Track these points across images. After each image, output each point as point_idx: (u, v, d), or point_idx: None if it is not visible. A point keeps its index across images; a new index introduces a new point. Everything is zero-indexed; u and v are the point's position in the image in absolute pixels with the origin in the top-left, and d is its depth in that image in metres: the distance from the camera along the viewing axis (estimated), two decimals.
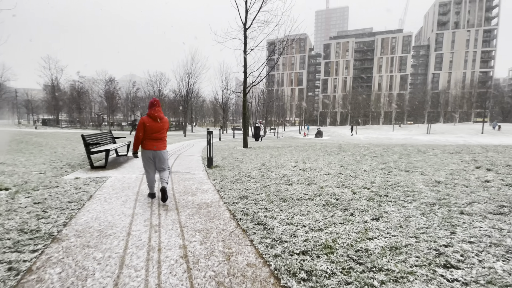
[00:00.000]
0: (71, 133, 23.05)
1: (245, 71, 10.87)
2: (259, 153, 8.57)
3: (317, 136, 33.82)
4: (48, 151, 9.28)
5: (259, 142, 19.35)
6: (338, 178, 4.47)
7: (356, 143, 12.99)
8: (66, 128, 38.36)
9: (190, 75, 27.27)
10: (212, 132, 6.59)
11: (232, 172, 5.61)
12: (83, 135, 6.19)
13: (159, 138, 3.88)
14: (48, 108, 45.64)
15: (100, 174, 5.60)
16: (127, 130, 40.33)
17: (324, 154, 7.41)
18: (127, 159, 7.70)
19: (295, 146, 10.94)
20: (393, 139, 32.64)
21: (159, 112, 3.88)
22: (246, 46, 10.76)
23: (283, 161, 6.52)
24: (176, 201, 3.83)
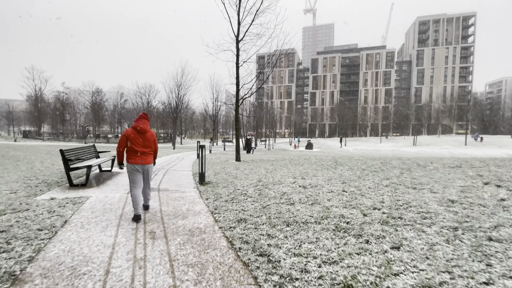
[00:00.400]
0: (53, 146, 21.94)
1: (238, 83, 10.65)
2: (254, 167, 8.20)
3: (308, 148, 33.83)
4: (24, 167, 8.56)
5: (251, 154, 18.98)
6: (343, 196, 4.15)
7: (350, 156, 12.86)
8: (48, 140, 36.72)
9: (180, 87, 26.95)
10: (204, 146, 6.19)
11: (226, 189, 5.20)
12: (62, 150, 5.65)
13: (146, 152, 3.74)
14: (30, 119, 43.78)
15: (80, 194, 5.05)
16: (114, 142, 39.06)
17: (321, 169, 7.13)
18: (111, 175, 7.14)
19: (290, 159, 10.64)
20: (381, 151, 33.07)
21: (145, 124, 3.76)
22: (239, 58, 10.59)
23: (280, 176, 6.17)
24: (165, 226, 3.38)
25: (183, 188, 5.65)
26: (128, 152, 3.69)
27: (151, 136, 3.81)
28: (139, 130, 3.68)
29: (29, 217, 3.66)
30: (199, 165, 6.07)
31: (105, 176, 7.03)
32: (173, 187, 5.80)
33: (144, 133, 3.73)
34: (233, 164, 9.77)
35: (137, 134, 3.68)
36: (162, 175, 7.32)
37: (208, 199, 4.59)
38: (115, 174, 7.35)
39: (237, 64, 10.60)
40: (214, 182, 6.12)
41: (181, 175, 7.49)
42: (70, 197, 4.75)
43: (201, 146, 6.16)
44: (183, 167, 9.40)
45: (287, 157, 12.50)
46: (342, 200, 3.95)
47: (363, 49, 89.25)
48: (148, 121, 3.85)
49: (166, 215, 3.83)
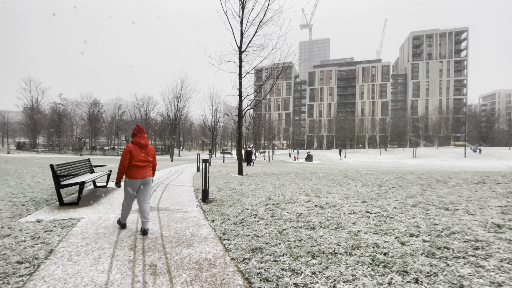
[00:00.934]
0: (47, 159, 21.26)
1: (240, 94, 10.33)
2: (259, 182, 7.72)
3: (307, 160, 33.42)
4: (13, 182, 7.99)
5: (252, 166, 18.50)
6: (368, 219, 3.69)
7: (357, 170, 12.45)
8: (43, 152, 35.90)
9: (180, 99, 26.70)
10: (208, 160, 5.74)
11: (233, 209, 4.72)
12: (53, 165, 5.17)
13: (146, 166, 3.75)
14: (25, 131, 43.05)
15: (70, 214, 4.53)
16: (110, 154, 38.33)
17: (333, 185, 6.69)
18: (107, 192, 6.61)
19: (295, 173, 10.19)
20: (382, 163, 32.75)
21: (145, 139, 3.80)
22: (242, 69, 10.34)
23: (290, 193, 5.71)
24: (167, 257, 2.89)
25: (185, 207, 5.15)
26: (129, 168, 3.64)
27: (151, 150, 3.83)
28: (140, 144, 3.71)
29: (9, 245, 3.14)
30: (203, 181, 5.59)
31: (100, 193, 6.51)
32: (174, 205, 5.30)
33: (145, 147, 3.76)
34: (236, 178, 9.29)
35: (139, 149, 3.70)
36: (161, 191, 6.81)
37: (215, 221, 4.10)
38: (110, 191, 6.83)
39: (240, 75, 10.33)
40: (218, 199, 5.63)
41: (182, 191, 6.99)
42: (59, 219, 4.23)
43: (204, 160, 5.71)
44: (183, 181, 8.89)
45: (291, 170, 12.04)
46: (370, 223, 3.49)
47: (359, 62, 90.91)
48: (145, 135, 3.86)
49: (168, 242, 3.33)
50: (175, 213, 4.71)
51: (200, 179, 9.42)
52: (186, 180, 9.21)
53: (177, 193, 6.61)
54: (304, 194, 5.42)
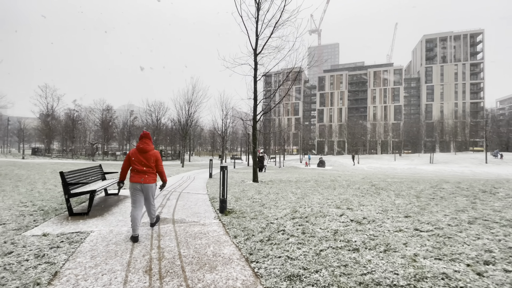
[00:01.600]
0: (60, 164, 21.42)
1: (255, 98, 9.93)
2: (278, 191, 7.22)
3: (320, 165, 32.62)
4: (24, 188, 7.79)
5: (264, 172, 17.98)
6: (422, 239, 3.14)
7: (379, 177, 11.75)
8: (57, 158, 36.52)
9: (191, 104, 26.64)
10: (226, 167, 5.30)
11: (256, 222, 4.23)
12: (63, 172, 4.85)
13: (146, 171, 3.72)
14: (40, 137, 44.16)
15: (79, 227, 4.15)
16: (122, 160, 38.61)
17: (362, 195, 6.10)
18: (118, 201, 6.26)
19: (315, 181, 9.61)
20: (397, 170, 31.58)
21: (146, 144, 3.79)
22: (257, 72, 9.95)
23: (317, 204, 5.18)
24: (188, 285, 2.43)
25: (203, 219, 4.70)
26: (130, 171, 3.77)
27: (152, 156, 3.78)
28: (140, 149, 3.73)
29: (9, 266, 2.76)
30: (220, 189, 5.15)
31: (111, 201, 6.16)
32: (190, 216, 4.87)
33: (145, 152, 3.75)
34: (252, 185, 8.81)
35: (139, 154, 3.73)
36: (176, 200, 6.40)
37: (237, 237, 3.63)
38: (122, 199, 6.48)
39: (255, 78, 9.94)
40: (237, 210, 5.16)
41: (197, 199, 6.56)
42: (67, 232, 3.86)
43: (222, 167, 5.27)
44: (196, 189, 8.48)
45: (309, 178, 11.46)
46: (425, 245, 2.93)
47: (370, 66, 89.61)
48: (150, 141, 3.88)
49: (187, 263, 2.88)
50: (192, 226, 4.27)
51: (215, 186, 9.01)
52: (200, 188, 8.80)
53: (192, 202, 6.19)
54: (334, 206, 4.88)
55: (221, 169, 5.24)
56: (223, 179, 5.15)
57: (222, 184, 5.13)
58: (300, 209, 4.83)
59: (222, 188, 5.13)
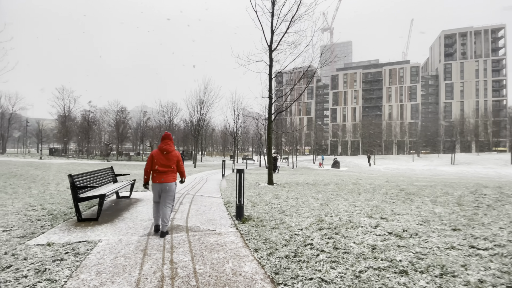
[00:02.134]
0: (76, 164, 21.77)
1: (271, 96, 9.49)
2: (297, 196, 6.75)
3: (334, 166, 31.77)
4: (37, 190, 7.69)
5: (277, 174, 17.49)
6: (482, 259, 2.59)
7: (406, 180, 11.03)
8: (73, 158, 37.41)
9: (203, 104, 26.52)
10: (243, 171, 4.88)
11: (278, 233, 3.79)
12: (71, 175, 4.58)
13: (166, 170, 3.84)
14: (57, 137, 45.57)
15: (87, 235, 3.85)
16: (136, 160, 39.11)
17: (393, 201, 5.54)
18: (130, 204, 5.98)
19: (335, 184, 9.07)
20: (416, 171, 30.29)
21: (168, 145, 3.90)
22: (272, 69, 9.50)
23: (345, 213, 4.68)
24: None
25: (218, 227, 4.31)
26: (152, 172, 3.90)
27: (174, 156, 3.91)
28: (163, 150, 3.85)
29: (4, 284, 2.45)
30: (237, 194, 4.74)
31: (123, 205, 5.89)
32: (205, 224, 4.48)
33: (168, 153, 3.86)
34: (268, 189, 8.36)
35: (161, 155, 3.84)
36: (189, 204, 6.05)
37: (259, 251, 3.20)
38: (134, 202, 6.20)
39: (270, 75, 9.50)
40: (255, 217, 4.74)
41: (211, 204, 6.19)
42: (73, 241, 3.55)
43: (238, 170, 4.85)
44: (210, 191, 8.13)
45: (328, 180, 10.89)
46: (490, 268, 2.40)
47: (386, 64, 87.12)
48: (171, 142, 3.98)
49: (204, 284, 2.47)
50: (208, 235, 3.88)
51: (229, 188, 8.63)
52: (213, 190, 8.45)
53: (206, 207, 5.82)
54: (364, 215, 4.36)
55: (237, 172, 4.83)
56: (239, 183, 4.74)
57: (239, 188, 4.72)
58: (326, 217, 4.34)
59: (238, 192, 4.72)
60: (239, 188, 4.73)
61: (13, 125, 46.68)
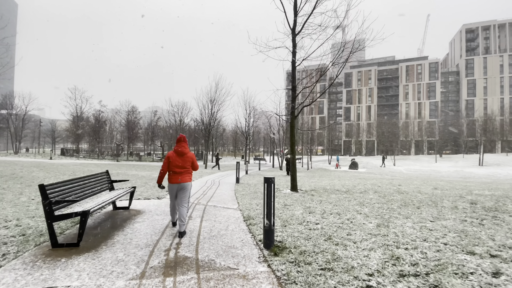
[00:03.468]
0: (84, 165, 21.10)
1: (294, 87, 8.13)
2: (335, 209, 5.37)
3: (352, 168, 29.99)
4: (26, 196, 6.68)
5: None
6: None
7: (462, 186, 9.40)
8: (84, 158, 37.19)
9: (214, 102, 25.40)
10: (273, 180, 3.54)
11: (336, 281, 2.45)
12: (43, 185, 3.40)
13: (182, 171, 4.00)
14: (69, 138, 45.78)
15: (55, 276, 2.64)
16: (146, 160, 38.56)
17: (477, 220, 4.09)
18: (127, 219, 4.78)
19: (374, 191, 7.61)
20: (442, 173, 28.07)
21: (183, 147, 4.05)
22: (296, 55, 8.15)
23: (424, 242, 3.28)
24: None
25: (242, 261, 3.01)
26: (168, 173, 4.05)
27: (189, 158, 4.07)
28: (178, 153, 4.01)
29: None
30: (264, 213, 3.44)
31: (118, 220, 4.69)
32: (222, 255, 3.20)
33: (183, 155, 4.03)
34: (293, 197, 7.01)
35: (177, 156, 4.01)
36: (200, 219, 4.80)
37: None
38: (132, 216, 5.00)
39: (294, 62, 8.14)
40: (291, 245, 3.41)
41: (227, 218, 4.91)
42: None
43: (267, 180, 3.52)
44: (224, 200, 6.87)
45: (360, 185, 9.39)
46: None
47: (402, 60, 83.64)
48: (186, 144, 4.15)
49: None
50: (228, 279, 2.59)
51: (246, 196, 7.33)
52: (228, 198, 7.17)
53: (222, 224, 4.55)
54: (458, 247, 2.95)
55: (266, 182, 3.51)
56: (268, 197, 3.42)
57: (268, 205, 3.41)
58: (400, 251, 2.96)
59: (267, 211, 3.41)
60: (268, 205, 3.42)
61: (27, 125, 47.26)
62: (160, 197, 6.95)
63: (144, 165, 25.73)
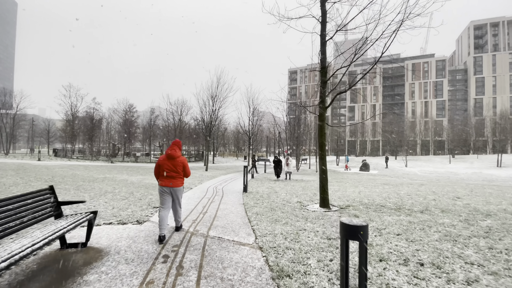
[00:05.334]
0: (72, 167, 19.07)
1: (325, 67, 6.11)
2: (418, 251, 3.35)
3: (363, 169, 27.96)
4: None
5: (287, 180, 13.97)
6: None
7: None
8: (76, 159, 35.02)
9: (215, 99, 23.35)
10: (365, 236, 1.50)
11: None
12: None
13: (174, 176, 4.00)
14: (62, 137, 43.70)
15: None
16: (144, 161, 36.49)
17: None
18: (75, 271, 2.74)
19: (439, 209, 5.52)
20: (460, 175, 25.97)
21: (174, 151, 4.07)
22: (325, 25, 6.11)
23: None
24: None
25: None
26: (159, 176, 4.05)
27: (179, 162, 4.06)
28: (168, 156, 4.03)
29: None
30: None
31: (59, 275, 2.66)
32: None
33: (173, 159, 4.02)
34: (331, 222, 4.97)
35: (167, 160, 4.02)
36: (196, 276, 2.77)
37: None
38: (88, 262, 2.97)
39: (323, 35, 6.12)
40: None
41: (243, 271, 2.88)
42: None
43: (349, 230, 1.48)
44: (232, 223, 4.83)
45: (404, 198, 7.30)
46: None
47: (408, 58, 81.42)
48: (178, 148, 4.14)
49: None
50: None
51: (263, 216, 5.24)
52: (237, 219, 5.13)
53: (234, 279, 2.52)
54: None
55: (345, 241, 1.47)
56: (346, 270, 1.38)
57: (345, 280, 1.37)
58: None
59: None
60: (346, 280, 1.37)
61: (20, 124, 45.25)
62: (142, 220, 4.92)
63: (139, 167, 23.68)
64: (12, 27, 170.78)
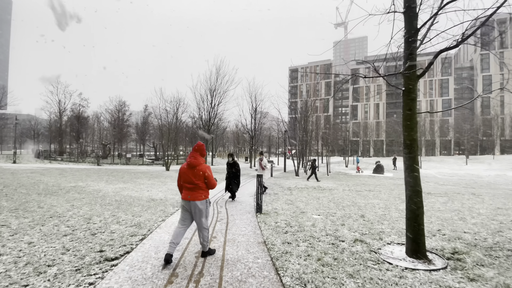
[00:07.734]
0: (48, 170, 16.21)
1: (413, 8, 3.45)
2: None
3: (377, 172, 25.41)
4: None
5: (314, 181, 11.38)
6: None
7: None
8: (58, 161, 31.77)
9: (214, 93, 20.70)
10: None
11: None
12: None
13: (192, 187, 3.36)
14: (47, 137, 40.59)
15: None
16: (136, 163, 33.57)
17: None
18: None
19: None
20: (483, 178, 23.46)
21: (194, 158, 3.44)
22: None
23: None
24: None
25: None
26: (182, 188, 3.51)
27: (198, 171, 3.38)
28: (188, 164, 3.43)
29: None
30: None
31: None
32: None
33: (193, 168, 3.40)
34: None
35: (187, 169, 3.43)
36: None
37: None
38: None
39: None
40: None
41: None
42: None
43: None
44: (252, 271, 2.18)
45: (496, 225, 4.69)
46: None
47: None
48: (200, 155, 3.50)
49: None
50: None
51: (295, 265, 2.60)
52: (260, 266, 2.48)
53: None
54: None
55: None
56: None
57: None
58: None
59: None
60: None
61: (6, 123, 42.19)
62: None
63: (127, 170, 20.88)
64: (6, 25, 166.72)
